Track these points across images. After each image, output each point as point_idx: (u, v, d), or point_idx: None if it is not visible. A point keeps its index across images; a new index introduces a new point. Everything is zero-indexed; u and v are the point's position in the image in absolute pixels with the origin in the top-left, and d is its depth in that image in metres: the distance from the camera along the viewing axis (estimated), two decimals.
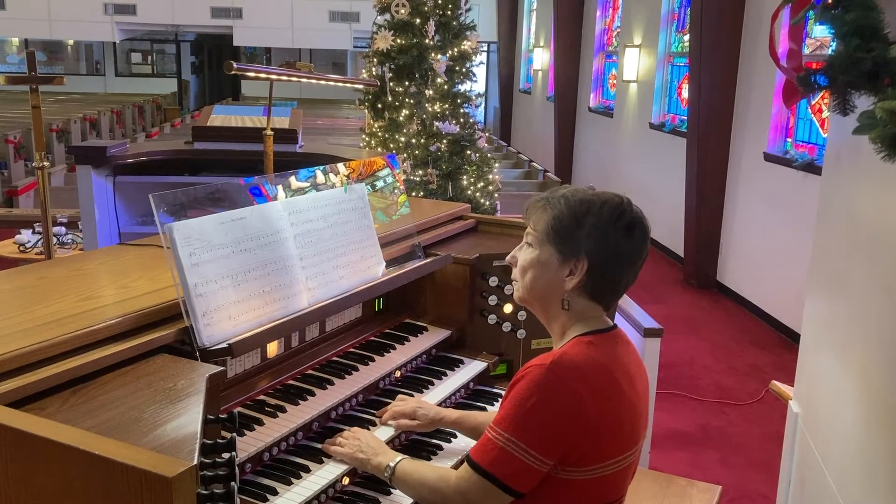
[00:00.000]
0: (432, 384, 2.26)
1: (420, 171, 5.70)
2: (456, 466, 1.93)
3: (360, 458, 1.80)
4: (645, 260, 1.68)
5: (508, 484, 1.55)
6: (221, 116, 4.63)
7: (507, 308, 2.51)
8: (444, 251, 2.55)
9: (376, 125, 5.98)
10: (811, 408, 2.45)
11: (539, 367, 1.56)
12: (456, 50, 5.85)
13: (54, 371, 1.45)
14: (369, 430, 1.95)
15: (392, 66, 5.82)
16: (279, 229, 1.97)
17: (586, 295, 1.66)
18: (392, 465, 1.75)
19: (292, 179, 2.15)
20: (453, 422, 2.02)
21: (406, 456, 1.80)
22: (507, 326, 2.53)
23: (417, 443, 2.04)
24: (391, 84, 5.83)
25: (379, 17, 5.93)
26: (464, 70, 5.93)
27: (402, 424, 1.98)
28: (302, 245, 2.03)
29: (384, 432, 1.98)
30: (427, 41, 5.74)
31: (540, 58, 14.78)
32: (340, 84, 4.20)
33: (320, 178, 2.24)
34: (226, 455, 1.31)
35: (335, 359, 2.21)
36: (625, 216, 1.63)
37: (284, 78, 3.50)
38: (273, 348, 2.08)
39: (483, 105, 10.52)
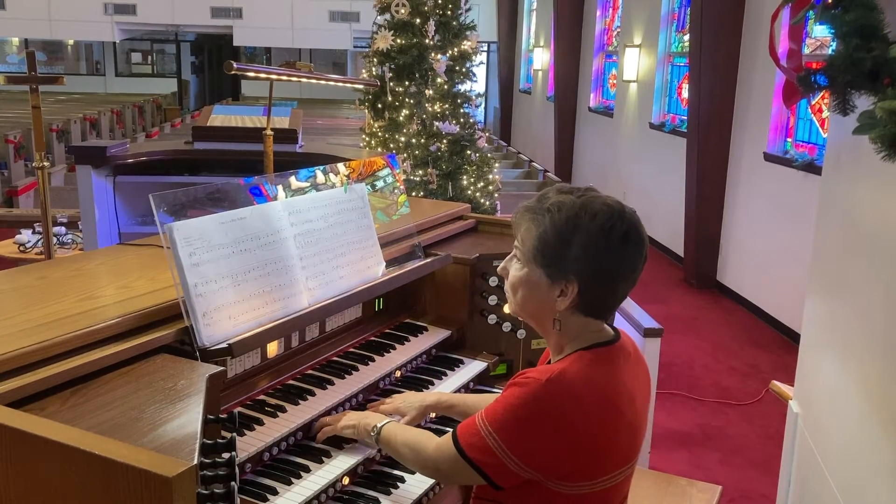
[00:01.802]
0: (432, 384, 2.26)
1: (420, 171, 5.70)
2: None
3: (351, 424, 1.83)
4: (643, 266, 1.60)
5: (484, 469, 1.53)
6: (221, 116, 4.63)
7: (507, 308, 2.51)
8: (444, 251, 2.55)
9: (376, 125, 5.98)
10: (811, 408, 2.45)
11: (536, 382, 1.51)
12: (456, 50, 5.85)
13: (54, 371, 1.45)
14: None
15: (392, 66, 5.82)
16: (279, 229, 1.97)
17: (580, 313, 1.59)
18: (379, 425, 1.78)
19: (292, 179, 2.15)
20: (446, 407, 2.00)
21: (394, 419, 1.81)
22: (507, 326, 2.53)
23: None
24: (391, 84, 5.83)
25: (379, 17, 5.93)
26: (464, 70, 5.93)
27: None
28: (302, 245, 2.03)
29: None
30: (427, 41, 5.74)
31: (540, 58, 14.78)
32: (340, 84, 4.20)
33: (320, 178, 2.24)
34: (226, 455, 1.31)
35: (335, 359, 2.21)
36: (616, 228, 1.53)
37: (284, 78, 3.51)
38: (273, 348, 2.08)
39: (483, 105, 10.51)
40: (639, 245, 1.56)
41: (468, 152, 5.86)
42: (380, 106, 5.94)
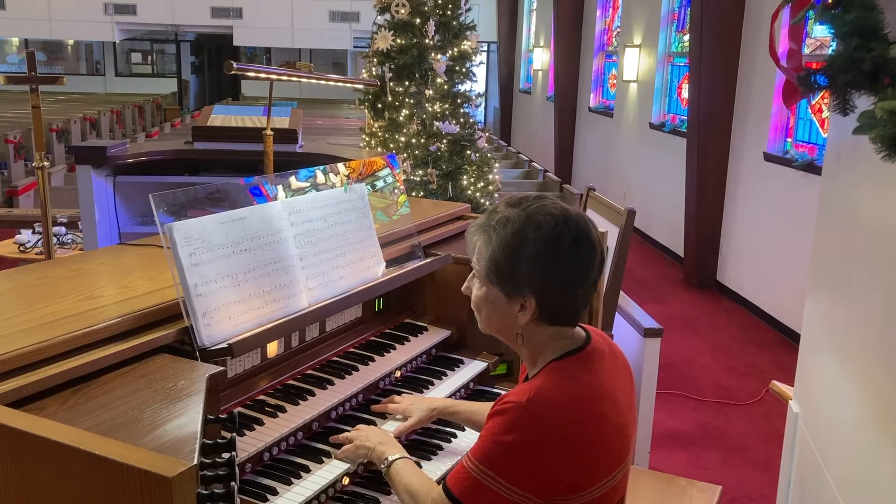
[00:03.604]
0: (432, 384, 2.26)
1: (420, 171, 5.71)
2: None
3: (366, 446, 1.80)
4: (599, 269, 1.58)
5: None
6: (221, 116, 4.63)
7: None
8: (445, 251, 2.55)
9: (376, 125, 5.99)
10: (811, 408, 2.45)
11: (516, 406, 1.50)
12: (456, 50, 5.85)
13: (54, 371, 1.45)
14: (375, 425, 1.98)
15: (392, 66, 5.82)
16: (279, 229, 1.97)
17: (545, 324, 1.59)
18: (391, 458, 1.75)
19: (292, 179, 2.15)
20: (452, 412, 2.01)
21: (407, 457, 1.78)
22: None
23: (418, 443, 2.04)
24: (391, 84, 5.83)
25: (379, 17, 5.93)
26: (464, 70, 5.93)
27: (400, 430, 1.97)
28: (302, 245, 2.03)
29: (388, 428, 1.98)
30: (427, 41, 5.74)
31: (540, 58, 14.79)
32: (340, 84, 4.20)
33: (320, 178, 2.24)
34: (226, 455, 1.31)
35: (335, 359, 2.21)
36: (563, 236, 1.52)
37: (284, 78, 3.51)
38: (273, 348, 2.08)
39: (483, 105, 10.51)
40: (590, 248, 1.55)
41: (468, 152, 5.86)
42: (380, 106, 5.94)
